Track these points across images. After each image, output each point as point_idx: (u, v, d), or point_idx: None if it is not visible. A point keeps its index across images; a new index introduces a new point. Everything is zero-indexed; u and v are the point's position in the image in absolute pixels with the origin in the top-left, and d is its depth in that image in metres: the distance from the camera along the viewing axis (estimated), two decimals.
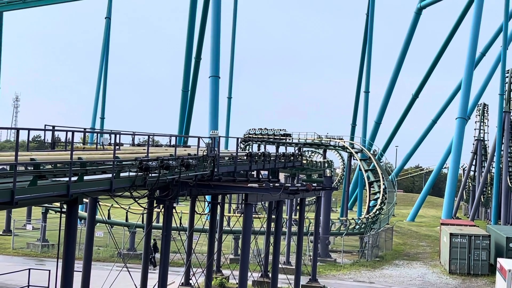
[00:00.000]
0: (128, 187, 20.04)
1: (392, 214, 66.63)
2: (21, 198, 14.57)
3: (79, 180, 17.18)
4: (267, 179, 32.86)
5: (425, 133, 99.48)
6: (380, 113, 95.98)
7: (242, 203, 27.00)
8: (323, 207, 48.30)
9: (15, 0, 70.72)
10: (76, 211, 18.15)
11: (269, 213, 34.77)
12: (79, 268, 22.05)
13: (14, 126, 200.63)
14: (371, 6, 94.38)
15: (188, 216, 33.38)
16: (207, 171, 25.81)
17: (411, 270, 46.90)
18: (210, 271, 31.08)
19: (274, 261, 31.40)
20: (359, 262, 48.25)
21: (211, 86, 64.48)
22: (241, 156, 31.57)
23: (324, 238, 48.47)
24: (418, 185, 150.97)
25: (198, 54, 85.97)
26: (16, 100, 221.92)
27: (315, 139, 78.33)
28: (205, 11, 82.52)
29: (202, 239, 36.67)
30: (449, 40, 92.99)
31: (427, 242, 65.32)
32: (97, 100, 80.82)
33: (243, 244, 25.85)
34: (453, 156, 68.92)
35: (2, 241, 50.52)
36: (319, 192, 37.40)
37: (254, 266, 36.46)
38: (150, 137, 24.52)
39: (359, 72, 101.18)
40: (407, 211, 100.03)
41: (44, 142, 29.76)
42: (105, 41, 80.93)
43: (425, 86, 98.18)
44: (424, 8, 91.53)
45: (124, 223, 47.01)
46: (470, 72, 69.01)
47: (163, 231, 24.28)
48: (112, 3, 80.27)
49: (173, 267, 33.89)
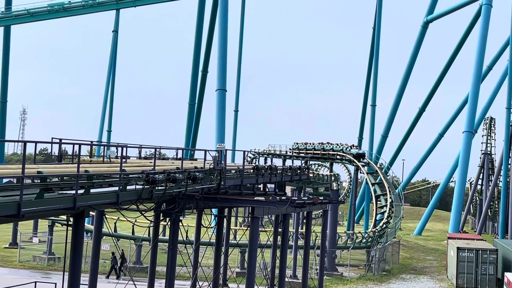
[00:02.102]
0: (135, 200, 20.04)
1: (399, 227, 66.37)
2: (28, 211, 14.59)
3: (85, 193, 17.20)
4: (273, 193, 32.81)
5: (432, 147, 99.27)
6: (387, 126, 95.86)
7: (249, 216, 26.94)
8: (329, 221, 48.15)
9: (22, 14, 71.15)
10: (83, 224, 18.15)
11: (276, 226, 34.67)
12: (85, 281, 22.02)
13: (21, 138, 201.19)
14: (377, 20, 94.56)
15: (194, 229, 33.32)
16: (214, 184, 25.79)
17: (418, 284, 46.66)
18: (216, 284, 30.96)
19: (280, 275, 31.27)
20: (366, 276, 48.05)
21: (218, 99, 64.58)
22: (247, 169, 31.54)
23: (330, 251, 48.31)
24: (425, 199, 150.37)
25: (205, 67, 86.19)
26: (23, 112, 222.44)
27: (324, 143, 78.05)
28: (212, 24, 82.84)
29: (209, 252, 36.59)
30: (456, 53, 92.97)
31: (434, 256, 65.02)
32: (104, 113, 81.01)
33: (250, 258, 25.76)
34: (460, 169, 68.72)
35: (9, 254, 50.53)
36: (326, 205, 37.29)
37: (261, 279, 36.32)
38: (156, 150, 24.54)
39: (366, 85, 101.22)
40: (414, 225, 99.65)
41: (51, 155, 29.81)
42: (112, 54, 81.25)
43: (432, 99, 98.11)
44: (430, 21, 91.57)
45: (131, 236, 46.97)
46: (477, 85, 68.96)
47: (170, 244, 24.24)
48: (119, 17, 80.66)
49: (179, 281, 33.79)
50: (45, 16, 72.31)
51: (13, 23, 73.53)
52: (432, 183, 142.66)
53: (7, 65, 77.44)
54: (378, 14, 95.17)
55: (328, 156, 77.08)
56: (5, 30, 75.97)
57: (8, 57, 77.29)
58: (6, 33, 76.34)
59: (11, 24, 73.97)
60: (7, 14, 71.71)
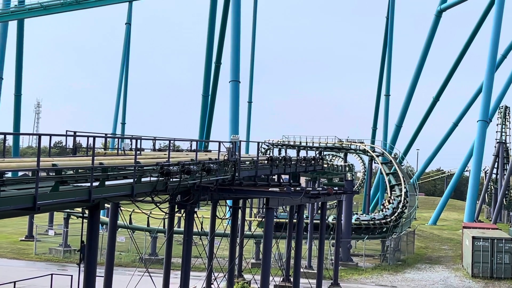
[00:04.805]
0: (150, 192, 20.08)
1: (414, 217, 66.17)
2: (43, 204, 14.64)
3: (100, 185, 17.24)
4: (288, 183, 32.80)
5: (446, 136, 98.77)
6: (401, 116, 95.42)
7: (263, 207, 26.94)
8: (344, 211, 48.11)
9: (35, 7, 71.30)
10: (98, 216, 18.22)
11: (290, 217, 34.68)
12: (101, 273, 22.12)
13: (35, 132, 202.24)
14: (391, 9, 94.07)
15: (209, 220, 33.39)
16: (228, 175, 25.80)
17: (434, 273, 46.54)
18: (231, 275, 31.03)
19: (295, 265, 31.28)
20: (381, 266, 47.99)
21: (231, 90, 64.57)
22: (262, 161, 31.53)
23: (345, 242, 48.27)
24: (439, 189, 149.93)
25: (218, 58, 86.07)
26: (38, 106, 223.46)
27: (336, 142, 78.09)
28: (225, 15, 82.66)
29: (224, 243, 36.68)
30: (469, 42, 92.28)
31: (449, 245, 64.83)
32: (118, 105, 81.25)
33: (265, 248, 25.80)
34: (475, 159, 68.37)
35: (25, 247, 50.88)
36: (340, 196, 37.27)
37: (276, 270, 36.34)
38: (171, 142, 24.56)
39: (380, 75, 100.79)
40: (428, 214, 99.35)
41: (66, 147, 29.89)
42: (126, 47, 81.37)
43: (446, 88, 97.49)
44: (444, 10, 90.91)
45: (146, 228, 47.15)
46: (491, 74, 68.48)
47: (185, 235, 24.30)
48: (132, 9, 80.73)
49: (194, 272, 33.87)
50: (58, 9, 72.40)
51: (27, 17, 73.69)
52: (447, 172, 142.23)
53: (21, 58, 77.77)
54: (391, 3, 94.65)
55: (342, 146, 77.07)
56: (19, 23, 76.25)
57: (22, 50, 77.60)
58: (20, 27, 76.62)
59: (24, 17, 74.15)
60: (20, 7, 71.91)
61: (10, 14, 72.28)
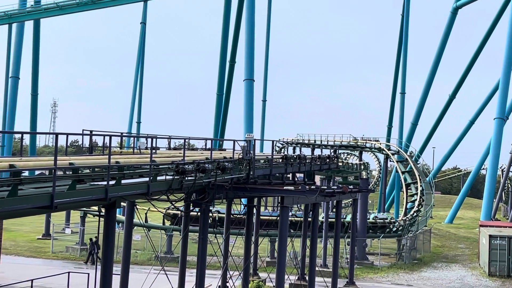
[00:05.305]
0: (165, 190, 20.18)
1: (430, 216, 65.91)
2: (60, 202, 14.77)
3: (116, 184, 17.36)
4: (303, 182, 32.81)
5: (462, 134, 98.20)
6: (417, 114, 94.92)
7: (278, 205, 26.99)
8: (359, 210, 48.05)
9: (51, 7, 71.69)
10: (114, 215, 18.33)
11: (305, 215, 34.70)
12: (118, 271, 22.26)
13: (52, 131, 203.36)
14: (406, 6, 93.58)
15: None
16: (243, 174, 25.86)
17: (450, 272, 46.36)
18: (246, 274, 31.10)
19: (311, 264, 31.29)
20: (397, 265, 47.86)
21: (245, 89, 64.47)
22: (276, 159, 31.55)
23: (361, 240, 48.19)
24: (456, 187, 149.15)
25: (233, 57, 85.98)
26: (54, 105, 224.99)
27: (350, 141, 77.93)
28: (239, 14, 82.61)
29: (239, 242, 36.75)
30: (486, 39, 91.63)
31: (466, 244, 64.52)
32: (133, 104, 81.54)
33: (280, 247, 25.83)
34: (492, 156, 67.96)
35: (42, 245, 51.25)
36: (356, 194, 37.22)
37: (291, 269, 36.37)
38: (186, 141, 24.67)
39: (395, 73, 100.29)
40: (445, 213, 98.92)
41: (82, 146, 30.10)
42: (141, 46, 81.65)
43: (462, 86, 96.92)
44: (460, 7, 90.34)
45: (161, 226, 47.36)
46: (508, 71, 68.02)
47: (200, 234, 24.38)
48: (147, 9, 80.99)
49: (210, 270, 34.00)
50: (74, 9, 72.72)
51: (43, 17, 74.11)
52: (463, 170, 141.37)
53: (37, 58, 78.14)
54: (407, 0, 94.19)
55: (357, 145, 76.94)
56: (35, 23, 76.68)
57: (38, 50, 77.97)
58: (36, 27, 77.03)
59: (40, 17, 74.58)
60: (36, 7, 72.33)
61: (26, 14, 72.73)
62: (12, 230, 57.15)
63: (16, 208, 13.48)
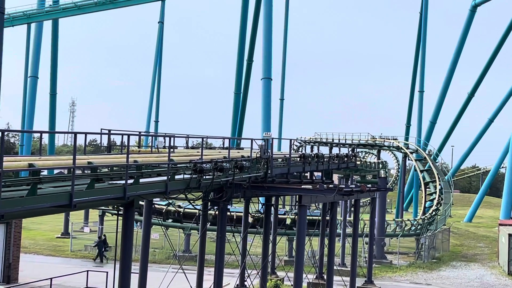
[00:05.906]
0: (183, 189, 20.20)
1: (449, 215, 65.50)
2: (79, 201, 14.83)
3: (135, 183, 17.40)
4: (320, 181, 32.72)
5: (481, 132, 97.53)
6: (435, 112, 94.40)
7: (296, 204, 26.92)
8: (378, 208, 47.83)
9: (69, 7, 72.20)
10: (133, 214, 18.38)
11: (323, 214, 34.60)
12: (136, 270, 22.33)
13: (71, 130, 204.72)
14: (424, 5, 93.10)
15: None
16: (261, 173, 25.83)
17: (469, 271, 46.06)
18: (264, 272, 31.08)
19: (329, 263, 31.19)
20: (416, 264, 47.64)
21: (263, 88, 64.47)
22: (294, 158, 31.50)
23: (379, 239, 47.99)
24: (475, 185, 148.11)
25: (250, 56, 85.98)
26: (73, 104, 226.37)
27: (369, 139, 77.63)
28: (257, 13, 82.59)
29: (257, 240, 36.74)
30: (505, 37, 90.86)
31: (485, 243, 64.07)
32: (151, 103, 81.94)
33: (298, 246, 25.78)
34: (511, 155, 67.43)
35: (61, 244, 51.57)
36: (374, 193, 37.02)
37: (309, 267, 36.30)
38: (203, 140, 24.67)
39: (413, 71, 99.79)
40: (464, 211, 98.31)
41: (100, 145, 30.23)
42: (159, 45, 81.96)
43: (481, 84, 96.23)
44: (479, 5, 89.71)
45: (179, 225, 47.41)
46: None
47: (218, 232, 24.40)
48: (165, 8, 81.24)
49: (227, 269, 34.04)
50: (92, 9, 73.22)
51: (61, 16, 74.62)
52: (482, 169, 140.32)
53: (56, 58, 78.68)
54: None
55: (375, 143, 76.59)
56: (53, 23, 77.17)
57: (56, 50, 78.50)
58: (54, 27, 77.53)
59: (59, 17, 75.09)
60: (55, 7, 72.84)
61: (45, 14, 73.29)
62: (31, 229, 57.56)
63: (35, 207, 13.55)
